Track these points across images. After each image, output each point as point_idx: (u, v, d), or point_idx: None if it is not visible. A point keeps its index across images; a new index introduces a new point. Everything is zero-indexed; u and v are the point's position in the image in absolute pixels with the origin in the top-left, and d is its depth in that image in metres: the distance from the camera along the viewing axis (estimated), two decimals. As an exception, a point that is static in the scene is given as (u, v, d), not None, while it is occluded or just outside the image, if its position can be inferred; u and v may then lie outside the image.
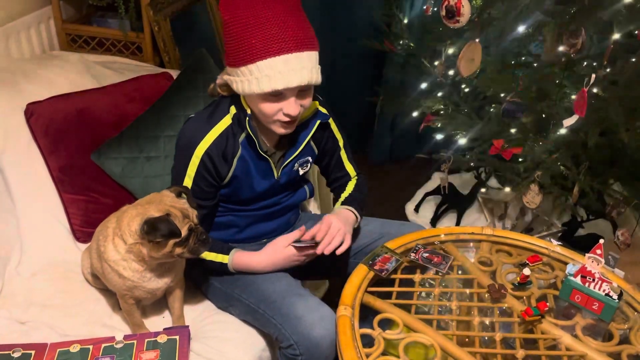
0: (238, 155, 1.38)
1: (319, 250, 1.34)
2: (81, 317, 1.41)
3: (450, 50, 2.06)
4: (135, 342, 1.28)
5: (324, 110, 1.47)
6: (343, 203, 1.52)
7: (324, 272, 1.64)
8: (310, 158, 1.50)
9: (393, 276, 1.37)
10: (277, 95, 1.26)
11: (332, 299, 1.35)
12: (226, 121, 1.36)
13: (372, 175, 3.07)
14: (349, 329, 1.18)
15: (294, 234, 1.40)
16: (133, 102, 1.81)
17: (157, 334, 1.31)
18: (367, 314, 1.28)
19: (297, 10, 1.26)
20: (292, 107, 1.27)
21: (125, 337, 1.29)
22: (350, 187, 1.56)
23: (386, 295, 1.32)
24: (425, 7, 2.08)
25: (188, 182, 1.37)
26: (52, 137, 1.65)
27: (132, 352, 1.25)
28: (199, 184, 1.37)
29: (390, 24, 2.47)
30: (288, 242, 1.39)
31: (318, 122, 1.43)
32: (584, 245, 1.94)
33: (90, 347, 1.26)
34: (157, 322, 1.42)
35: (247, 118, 1.34)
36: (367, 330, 1.20)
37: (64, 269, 1.54)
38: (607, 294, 1.24)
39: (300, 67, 1.22)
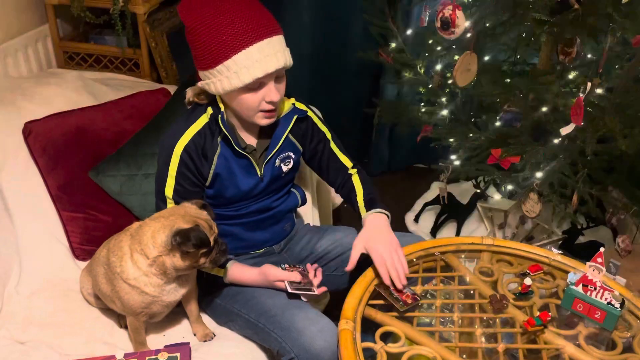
0: (217, 152, 1.39)
1: (398, 285, 1.33)
2: (81, 336, 1.40)
3: (447, 61, 2.07)
4: None
5: (300, 106, 1.49)
6: (365, 207, 1.50)
7: (326, 286, 1.63)
8: (292, 154, 1.50)
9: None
10: (256, 86, 1.29)
11: (333, 312, 1.34)
12: (203, 120, 1.38)
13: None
14: (350, 343, 1.17)
15: (286, 274, 1.39)
16: (131, 118, 1.82)
17: (157, 351, 1.30)
18: (369, 327, 1.27)
19: (255, 0, 1.30)
20: (273, 92, 1.31)
21: (126, 356, 1.28)
22: (357, 185, 1.55)
23: (388, 308, 1.31)
24: (420, 19, 2.09)
25: (170, 182, 1.38)
26: (50, 155, 1.65)
27: None
28: (182, 183, 1.38)
29: (385, 36, 2.48)
30: (277, 278, 1.39)
31: (295, 116, 1.46)
32: (584, 252, 1.93)
33: None
34: (158, 340, 1.42)
35: (220, 115, 1.36)
36: (369, 344, 1.19)
37: (63, 288, 1.54)
38: (609, 303, 1.23)
39: (274, 52, 1.26)
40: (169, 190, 1.38)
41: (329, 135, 1.56)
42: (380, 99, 2.73)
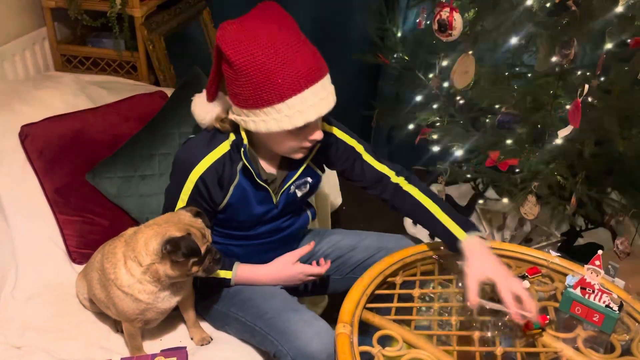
0: (235, 183, 1.35)
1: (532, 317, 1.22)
2: (78, 341, 1.40)
3: (444, 63, 2.06)
4: None
5: (328, 129, 1.43)
6: (460, 226, 1.36)
7: (321, 289, 1.63)
8: (309, 179, 1.46)
9: (392, 291, 1.36)
10: (304, 127, 1.23)
11: (331, 315, 1.34)
12: (224, 147, 1.33)
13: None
14: (348, 347, 1.16)
15: (302, 250, 1.41)
16: (128, 121, 1.82)
17: (154, 355, 1.30)
18: (366, 331, 1.27)
19: (302, 35, 1.23)
20: (318, 133, 1.27)
21: None
22: (420, 196, 1.43)
23: (385, 311, 1.31)
24: (418, 21, 2.09)
25: (181, 204, 1.35)
26: (47, 158, 1.64)
27: None
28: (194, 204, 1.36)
29: (383, 38, 2.48)
30: (295, 259, 1.40)
31: (318, 145, 1.39)
32: (583, 254, 1.92)
33: None
34: (155, 345, 1.41)
35: (243, 149, 1.30)
36: (367, 348, 1.19)
37: (60, 292, 1.53)
38: (607, 306, 1.23)
39: (327, 94, 1.22)
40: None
41: (359, 148, 1.48)
42: (379, 101, 2.73)
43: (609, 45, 1.56)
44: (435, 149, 2.23)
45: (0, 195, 1.59)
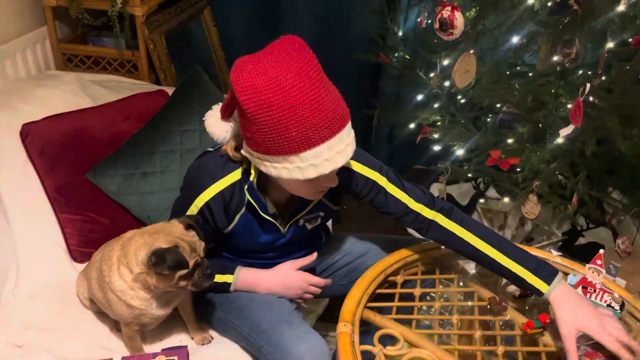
0: (242, 212, 1.31)
1: None
2: (79, 340, 1.40)
3: (446, 62, 2.06)
4: None
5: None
6: (539, 277, 1.23)
7: (329, 293, 1.60)
8: (321, 213, 1.41)
9: (393, 291, 1.36)
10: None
11: (332, 315, 1.34)
12: (236, 175, 1.27)
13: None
14: (349, 346, 1.16)
15: (304, 260, 1.40)
16: (128, 120, 1.81)
17: (155, 354, 1.29)
18: (367, 330, 1.26)
19: (325, 80, 1.12)
20: (334, 180, 1.20)
21: (124, 359, 1.28)
22: (475, 240, 1.30)
23: (386, 311, 1.31)
24: (419, 20, 2.09)
25: None
26: (48, 157, 1.64)
27: None
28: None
29: (384, 37, 2.48)
30: (297, 266, 1.39)
31: None
32: (584, 254, 1.93)
33: None
34: (156, 345, 1.41)
35: (248, 186, 1.26)
36: (368, 347, 1.19)
37: (61, 291, 1.53)
38: (608, 305, 1.23)
39: (344, 147, 1.12)
40: None
41: (382, 181, 1.35)
42: (380, 100, 2.72)
43: (610, 45, 1.56)
44: (437, 148, 2.23)
45: (1, 194, 1.59)
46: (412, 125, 2.32)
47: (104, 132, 1.75)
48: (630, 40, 1.57)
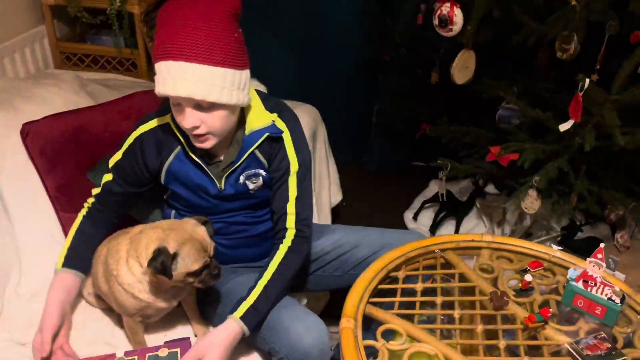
0: (175, 152, 1.37)
1: None
2: (83, 338, 1.40)
3: (445, 58, 2.07)
4: (136, 357, 1.27)
5: (280, 124, 1.38)
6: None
7: (324, 285, 1.63)
8: (261, 172, 1.40)
9: (395, 286, 1.37)
10: (177, 104, 1.25)
11: (334, 311, 1.34)
12: (168, 118, 1.36)
13: (369, 183, 3.10)
14: (352, 341, 1.17)
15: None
16: (129, 119, 1.81)
17: (158, 347, 1.30)
18: (369, 325, 1.27)
19: (215, 20, 1.19)
20: (185, 119, 1.24)
21: (126, 353, 1.28)
22: (276, 256, 1.36)
23: (389, 306, 1.31)
24: (418, 16, 2.10)
25: (118, 155, 1.40)
26: (49, 156, 1.64)
27: None
28: (125, 160, 1.40)
29: (383, 33, 2.48)
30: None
31: (266, 134, 1.36)
32: (583, 249, 1.94)
33: None
34: (159, 339, 1.41)
35: (171, 117, 1.32)
36: (371, 342, 1.19)
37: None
38: (609, 298, 1.23)
39: (183, 78, 1.18)
40: (112, 160, 1.42)
41: (293, 168, 1.39)
42: (378, 96, 2.73)
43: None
44: (436, 144, 2.24)
45: (3, 193, 1.59)
46: (411, 122, 2.33)
47: (105, 131, 1.75)
48: (629, 35, 1.58)
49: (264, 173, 1.40)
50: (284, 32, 2.66)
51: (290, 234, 1.39)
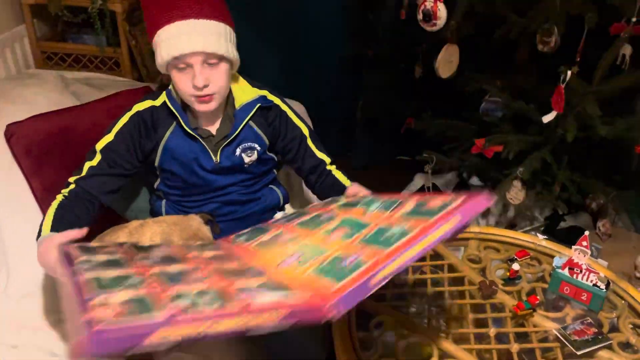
0: (171, 129, 1.40)
1: None
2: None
3: (429, 53, 2.09)
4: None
5: (271, 97, 1.48)
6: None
7: None
8: (256, 145, 1.46)
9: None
10: (184, 67, 1.28)
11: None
12: (163, 96, 1.41)
13: (355, 179, 3.09)
14: (346, 333, 1.19)
15: (72, 232, 1.27)
16: (115, 118, 1.80)
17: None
18: (362, 318, 1.29)
19: None
20: (197, 77, 1.28)
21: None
22: (341, 176, 1.52)
23: (380, 298, 1.33)
24: (400, 12, 2.11)
25: (109, 137, 1.39)
26: (34, 157, 1.62)
27: None
28: (118, 141, 1.39)
29: (366, 29, 2.49)
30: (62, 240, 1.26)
31: (258, 105, 1.44)
32: (566, 237, 1.98)
33: None
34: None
35: (168, 92, 1.39)
36: (364, 334, 1.21)
37: (53, 290, 1.52)
38: (595, 285, 1.27)
39: (195, 33, 1.25)
40: (101, 144, 1.39)
41: (305, 132, 1.52)
42: (362, 92, 2.74)
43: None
44: (421, 138, 2.26)
45: (-12, 195, 1.57)
46: (395, 116, 2.34)
47: (90, 131, 1.73)
48: (608, 27, 1.61)
49: (258, 147, 1.46)
50: (267, 29, 2.66)
51: (333, 167, 1.52)
